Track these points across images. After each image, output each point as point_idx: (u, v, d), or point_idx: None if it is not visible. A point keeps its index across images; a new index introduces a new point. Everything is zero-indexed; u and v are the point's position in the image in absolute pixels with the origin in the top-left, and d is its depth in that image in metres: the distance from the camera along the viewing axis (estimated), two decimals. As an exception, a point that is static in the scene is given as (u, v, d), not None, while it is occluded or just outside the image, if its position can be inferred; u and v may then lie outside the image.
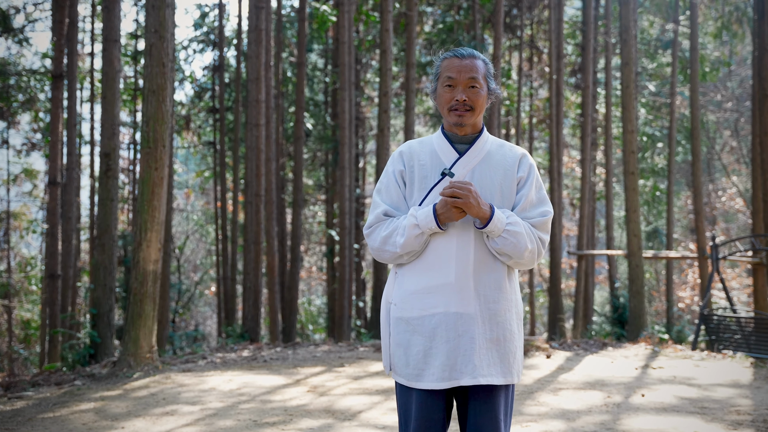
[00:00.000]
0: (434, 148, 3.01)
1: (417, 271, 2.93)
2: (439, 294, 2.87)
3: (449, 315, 2.85)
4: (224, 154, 19.26)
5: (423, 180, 2.97)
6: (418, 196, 2.95)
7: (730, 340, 10.89)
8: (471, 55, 2.97)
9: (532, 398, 6.52)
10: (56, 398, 6.88)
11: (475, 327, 2.84)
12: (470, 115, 2.94)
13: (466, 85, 2.93)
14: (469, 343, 2.83)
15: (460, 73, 2.93)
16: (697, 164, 16.52)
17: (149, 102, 8.27)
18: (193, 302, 24.68)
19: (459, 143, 2.99)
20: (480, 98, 2.95)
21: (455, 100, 2.93)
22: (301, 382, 7.45)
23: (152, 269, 8.26)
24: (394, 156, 3.08)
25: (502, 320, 2.89)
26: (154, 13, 8.26)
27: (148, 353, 8.18)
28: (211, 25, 22.00)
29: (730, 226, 29.13)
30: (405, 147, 3.07)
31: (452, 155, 2.97)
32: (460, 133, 2.98)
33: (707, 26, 21.71)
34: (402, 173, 3.01)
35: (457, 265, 2.87)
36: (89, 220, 19.67)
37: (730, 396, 6.65)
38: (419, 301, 2.90)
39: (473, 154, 2.96)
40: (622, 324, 14.64)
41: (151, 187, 8.24)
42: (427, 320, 2.88)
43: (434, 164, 2.97)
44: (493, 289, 2.89)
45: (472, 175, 2.94)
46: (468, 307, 2.85)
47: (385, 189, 3.04)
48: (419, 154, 3.01)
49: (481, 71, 2.96)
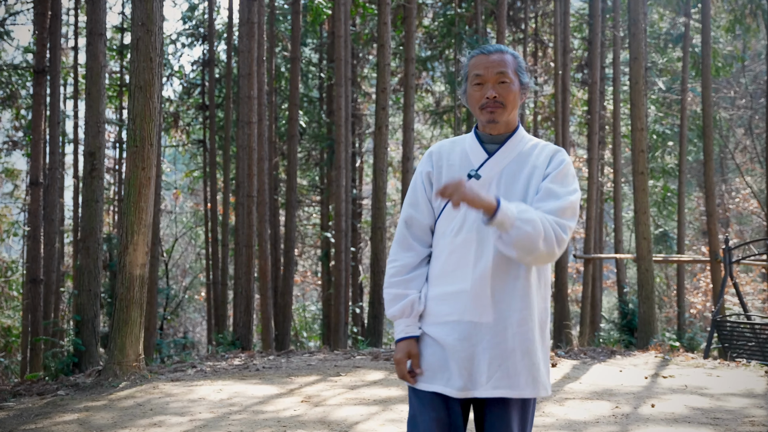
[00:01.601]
0: (465, 148, 3.02)
1: (436, 276, 2.95)
2: (453, 301, 2.87)
3: (463, 324, 2.84)
4: (214, 153, 19.26)
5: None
6: (444, 199, 2.93)
7: (744, 347, 10.90)
8: (499, 50, 2.97)
9: (537, 409, 6.52)
10: (38, 409, 6.87)
11: (492, 337, 2.82)
12: (502, 111, 2.93)
13: (496, 81, 2.92)
14: (484, 353, 2.82)
15: (488, 69, 2.93)
16: (710, 164, 16.54)
17: (136, 98, 8.26)
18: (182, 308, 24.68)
19: (490, 143, 2.98)
20: (511, 93, 2.93)
21: (485, 98, 2.92)
22: (295, 391, 7.44)
23: (139, 274, 8.25)
24: (424, 156, 3.09)
25: (522, 330, 2.85)
26: (141, 5, 8.26)
27: (134, 362, 8.18)
28: (200, 18, 22.02)
29: (743, 229, 29.17)
30: (435, 147, 3.08)
31: (481, 156, 2.96)
32: (493, 132, 2.97)
33: (720, 19, 21.75)
34: (429, 174, 3.01)
35: (475, 271, 2.85)
36: (73, 223, 19.66)
37: (744, 406, 6.66)
38: (436, 308, 2.91)
39: (503, 155, 2.94)
40: (631, 331, 14.65)
41: (137, 188, 8.24)
42: (441, 328, 2.88)
43: (463, 165, 2.97)
44: (513, 297, 2.85)
45: (501, 176, 2.92)
46: (483, 316, 2.83)
47: (412, 192, 3.06)
48: (449, 155, 3.02)
49: (510, 65, 2.95)
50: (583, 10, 23.76)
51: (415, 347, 2.92)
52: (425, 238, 3.03)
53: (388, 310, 2.99)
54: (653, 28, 22.68)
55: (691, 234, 28.93)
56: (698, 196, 28.29)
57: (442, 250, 2.94)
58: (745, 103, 26.49)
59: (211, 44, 19.55)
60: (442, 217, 2.96)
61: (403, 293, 2.97)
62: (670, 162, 23.98)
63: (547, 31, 22.19)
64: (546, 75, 22.76)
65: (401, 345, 2.93)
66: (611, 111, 21.06)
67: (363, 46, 20.86)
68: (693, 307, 25.86)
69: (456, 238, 2.90)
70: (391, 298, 2.98)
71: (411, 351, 2.91)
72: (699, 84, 20.98)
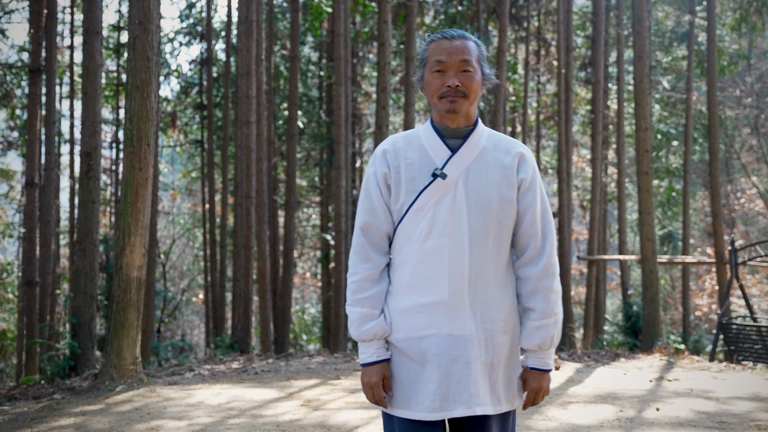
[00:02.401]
0: (422, 143, 2.81)
1: (405, 287, 2.77)
2: (430, 314, 2.71)
3: (441, 337, 2.69)
4: (212, 154, 19.27)
5: (411, 182, 2.76)
6: (406, 200, 2.75)
7: (751, 350, 10.90)
8: (462, 36, 2.78)
9: (540, 412, 6.52)
10: (34, 413, 6.87)
11: (471, 350, 2.69)
12: (464, 101, 2.74)
13: (458, 69, 2.73)
14: (464, 368, 2.68)
15: (451, 56, 2.73)
16: (715, 164, 16.54)
17: (133, 98, 8.27)
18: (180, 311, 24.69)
19: (451, 138, 2.79)
20: (474, 83, 2.75)
21: (446, 86, 2.73)
22: (294, 395, 7.44)
23: (136, 276, 8.25)
24: (376, 155, 2.86)
25: (502, 342, 2.75)
26: (138, 3, 8.27)
27: (131, 365, 8.18)
28: (198, 16, 22.02)
29: (749, 230, 29.16)
30: (388, 144, 2.84)
31: (444, 152, 2.76)
32: (452, 125, 2.78)
33: (725, 17, 21.76)
34: (386, 176, 2.79)
35: (451, 279, 2.70)
36: (69, 224, 19.68)
37: (750, 410, 6.65)
38: (407, 322, 2.74)
39: (467, 151, 2.76)
40: (636, 333, 14.65)
41: (134, 189, 8.24)
42: (416, 343, 2.72)
43: (423, 163, 2.76)
44: (493, 306, 2.74)
45: (467, 175, 2.74)
46: (463, 328, 2.70)
47: (366, 197, 2.83)
48: (405, 152, 2.80)
49: (473, 53, 2.77)
50: (587, 7, 23.79)
51: (388, 370, 2.77)
52: (383, 245, 2.83)
53: (356, 330, 2.78)
54: (658, 26, 22.69)
55: (697, 235, 28.93)
56: (703, 197, 28.29)
57: (409, 258, 2.76)
58: (751, 102, 26.49)
59: (209, 43, 19.56)
60: (405, 222, 2.76)
61: (371, 312, 2.78)
62: (674, 162, 23.99)
63: (550, 29, 22.19)
64: (549, 74, 22.77)
65: (374, 369, 2.76)
66: (615, 110, 21.08)
67: (363, 45, 20.87)
68: (698, 309, 25.85)
69: (425, 245, 2.73)
70: (359, 318, 2.78)
71: (386, 374, 2.76)
72: (704, 83, 21.02)
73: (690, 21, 19.51)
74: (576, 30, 21.70)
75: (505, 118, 19.96)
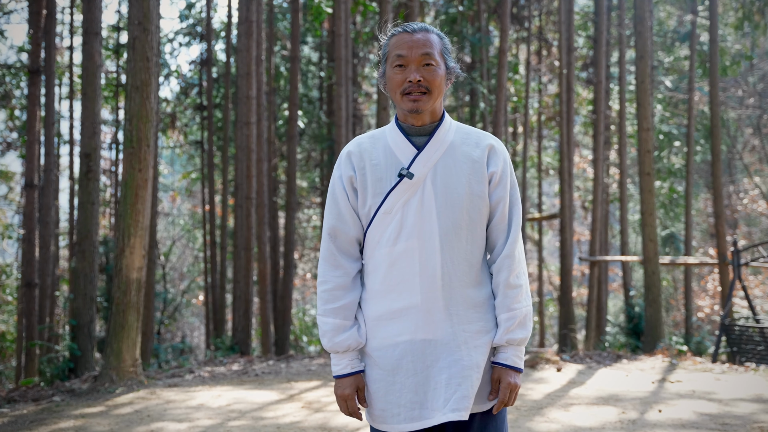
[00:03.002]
0: (388, 143, 2.74)
1: (378, 292, 2.70)
2: (403, 319, 2.64)
3: (416, 343, 2.62)
4: (212, 155, 19.28)
5: (377, 183, 2.69)
6: (373, 203, 2.68)
7: (753, 351, 10.90)
8: (423, 29, 2.70)
9: (542, 414, 6.52)
10: (33, 415, 6.87)
11: (449, 354, 2.61)
12: (427, 98, 2.65)
13: (420, 63, 2.65)
14: (441, 373, 2.60)
15: (412, 50, 2.64)
16: (717, 164, 16.53)
17: (132, 99, 8.28)
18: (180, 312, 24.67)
19: (416, 135, 2.71)
20: (437, 78, 2.66)
21: (408, 82, 2.64)
22: (295, 397, 7.44)
23: (136, 277, 8.26)
24: (341, 158, 2.78)
25: (479, 343, 2.65)
26: (138, 4, 8.28)
27: (131, 367, 8.18)
28: (198, 17, 22.03)
29: (752, 230, 29.13)
30: (353, 146, 2.77)
31: (410, 151, 2.68)
32: (417, 123, 2.70)
33: (727, 17, 21.76)
34: (351, 179, 2.72)
35: (422, 282, 2.63)
36: (68, 225, 19.67)
37: (753, 411, 6.65)
38: (380, 329, 2.67)
39: (433, 148, 2.68)
40: (638, 335, 14.65)
41: (134, 190, 8.25)
42: (389, 351, 2.65)
43: (389, 163, 2.70)
44: (469, 307, 2.66)
45: (435, 172, 2.66)
46: (438, 331, 2.62)
47: (332, 201, 2.76)
48: (371, 153, 2.73)
49: (436, 47, 2.68)
50: (588, 7, 23.78)
51: (362, 381, 2.71)
52: (353, 251, 2.76)
53: (329, 342, 2.70)
54: (660, 26, 22.69)
55: (699, 236, 28.91)
56: (706, 198, 28.28)
57: (380, 263, 2.69)
58: (753, 102, 26.47)
59: (209, 43, 19.55)
60: (374, 226, 2.69)
61: (344, 323, 2.71)
62: (676, 162, 23.97)
63: (552, 29, 22.19)
64: (550, 74, 22.78)
65: (347, 381, 2.70)
66: (617, 110, 21.06)
67: (364, 45, 20.87)
68: (701, 310, 25.83)
69: (395, 248, 2.65)
70: (331, 329, 2.70)
71: (360, 385, 2.71)
72: (706, 83, 21.02)
73: (692, 21, 19.50)
74: (577, 30, 21.70)
75: (506, 118, 19.98)
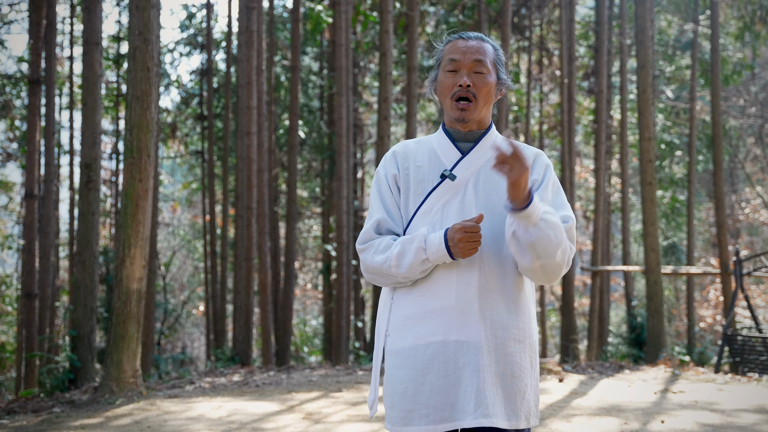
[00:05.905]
0: (433, 147, 2.78)
1: (412, 293, 2.68)
2: (436, 319, 2.62)
3: (448, 344, 2.59)
4: (213, 165, 19.30)
5: (419, 184, 2.72)
6: (414, 203, 2.71)
7: (756, 362, 10.88)
8: (478, 38, 2.74)
9: (543, 425, 6.51)
10: (33, 426, 6.86)
11: (481, 357, 2.57)
12: (474, 106, 2.68)
13: (471, 69, 2.69)
14: (473, 376, 2.57)
15: (465, 55, 2.69)
16: (719, 174, 16.54)
17: (133, 109, 8.29)
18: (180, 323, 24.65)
19: (462, 141, 2.75)
20: (487, 86, 2.69)
21: (458, 86, 2.68)
22: (296, 408, 7.43)
23: (136, 288, 8.26)
24: (386, 157, 2.83)
25: (511, 351, 2.62)
26: (138, 14, 8.30)
27: (131, 378, 8.17)
28: (198, 27, 22.09)
29: (754, 240, 29.13)
30: (399, 147, 2.83)
31: (454, 155, 2.72)
32: (464, 130, 2.73)
33: (729, 26, 21.80)
34: (395, 177, 2.76)
35: (459, 284, 2.61)
36: (69, 236, 19.68)
37: (756, 422, 6.64)
38: (413, 329, 2.65)
39: (478, 154, 2.71)
40: (640, 345, 14.63)
41: (134, 200, 8.26)
42: (420, 351, 2.62)
43: (433, 165, 2.74)
44: (503, 313, 2.62)
45: (477, 177, 2.69)
46: (471, 333, 2.59)
47: (379, 195, 2.79)
48: (415, 155, 2.78)
49: (489, 55, 2.72)
50: (589, 17, 23.83)
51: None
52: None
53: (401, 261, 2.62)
54: (661, 35, 22.74)
55: (701, 245, 28.90)
56: (708, 207, 28.28)
57: None
58: (755, 111, 26.50)
59: (209, 53, 19.61)
60: (413, 225, 2.70)
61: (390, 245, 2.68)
62: (678, 172, 23.99)
63: (553, 38, 22.24)
64: (551, 83, 22.81)
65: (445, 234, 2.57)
66: (618, 120, 21.10)
67: (364, 55, 20.92)
68: (703, 320, 25.80)
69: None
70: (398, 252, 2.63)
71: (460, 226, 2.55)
72: (708, 92, 21.02)
73: (693, 30, 19.55)
74: (579, 39, 21.74)
75: (508, 127, 19.99)
